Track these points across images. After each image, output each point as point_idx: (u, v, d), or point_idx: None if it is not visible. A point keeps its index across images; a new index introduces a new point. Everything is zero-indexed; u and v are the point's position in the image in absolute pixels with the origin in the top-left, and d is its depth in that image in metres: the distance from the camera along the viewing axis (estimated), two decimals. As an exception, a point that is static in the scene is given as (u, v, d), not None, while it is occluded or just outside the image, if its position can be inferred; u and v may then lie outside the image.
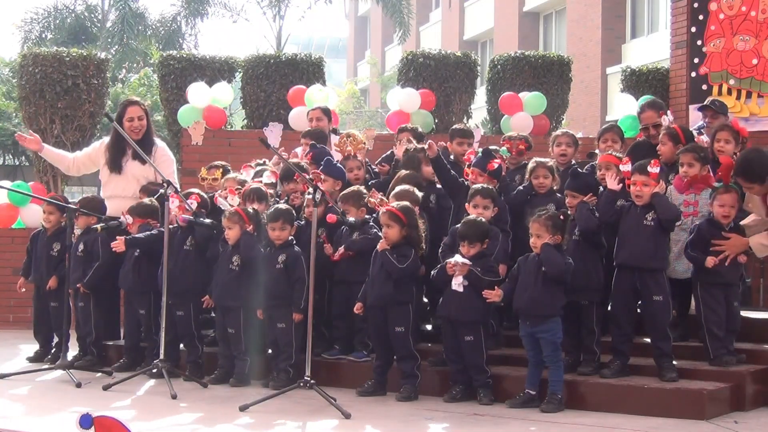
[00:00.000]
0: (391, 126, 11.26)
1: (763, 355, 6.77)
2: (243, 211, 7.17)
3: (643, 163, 6.59)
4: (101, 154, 8.81)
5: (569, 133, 7.99)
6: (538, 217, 6.32)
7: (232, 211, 7.19)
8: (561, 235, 6.30)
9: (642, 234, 6.46)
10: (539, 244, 6.28)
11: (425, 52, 12.26)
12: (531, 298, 6.25)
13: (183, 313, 7.47)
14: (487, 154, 7.17)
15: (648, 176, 6.49)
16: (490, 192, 6.83)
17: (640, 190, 6.51)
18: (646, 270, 6.47)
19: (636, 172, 6.55)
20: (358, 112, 36.47)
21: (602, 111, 25.70)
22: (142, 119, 8.56)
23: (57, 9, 29.92)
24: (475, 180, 7.06)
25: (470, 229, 6.48)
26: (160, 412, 6.22)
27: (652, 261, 6.50)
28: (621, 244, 6.55)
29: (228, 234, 7.18)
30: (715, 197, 6.69)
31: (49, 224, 8.30)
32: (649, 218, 6.48)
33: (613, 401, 6.23)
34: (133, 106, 8.65)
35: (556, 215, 6.35)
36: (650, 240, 6.47)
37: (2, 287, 10.26)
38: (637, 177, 6.53)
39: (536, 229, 6.31)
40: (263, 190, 7.53)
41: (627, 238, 6.51)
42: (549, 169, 7.17)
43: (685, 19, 11.10)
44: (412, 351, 6.67)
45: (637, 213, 6.53)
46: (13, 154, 24.67)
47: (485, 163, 7.10)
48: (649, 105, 8.20)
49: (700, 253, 6.60)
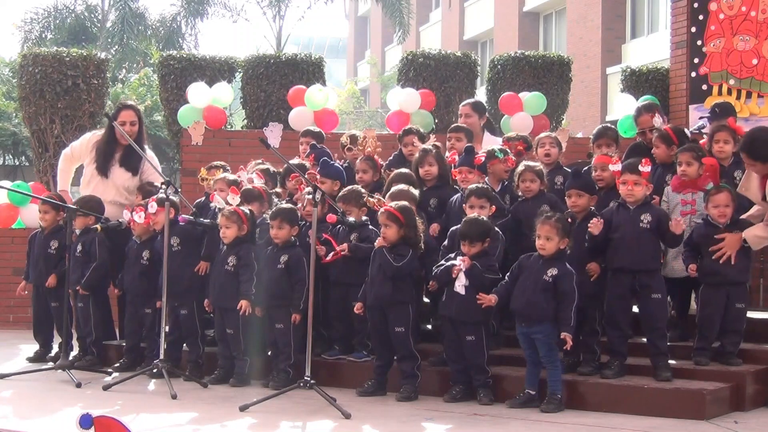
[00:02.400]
0: (391, 126, 11.26)
1: (763, 355, 6.77)
2: (241, 212, 7.17)
3: (634, 162, 6.57)
4: (87, 150, 8.73)
5: (552, 135, 8.00)
6: (548, 218, 6.24)
7: (231, 210, 7.19)
8: (567, 238, 6.27)
9: (640, 238, 6.43)
10: (549, 246, 6.20)
11: (425, 52, 12.26)
12: (529, 301, 6.23)
13: (187, 312, 7.47)
14: (469, 151, 7.19)
15: (639, 175, 6.47)
16: (485, 191, 6.81)
17: (632, 190, 6.49)
18: (645, 271, 6.47)
19: (626, 171, 6.53)
20: (358, 112, 36.46)
21: (602, 111, 25.69)
22: (135, 124, 8.53)
23: (57, 9, 29.92)
24: (465, 178, 7.06)
25: (471, 228, 6.46)
26: (160, 412, 6.22)
27: (651, 262, 6.50)
28: (618, 249, 6.46)
29: (225, 233, 7.17)
30: (708, 199, 6.69)
31: (46, 223, 8.29)
32: (645, 221, 6.44)
33: (613, 401, 6.23)
34: (126, 110, 8.61)
35: (564, 218, 6.30)
36: (648, 243, 6.45)
37: (2, 287, 10.26)
38: (628, 176, 6.50)
39: (547, 231, 6.21)
40: (257, 190, 7.52)
41: (624, 244, 6.43)
42: (536, 173, 7.14)
43: (685, 19, 11.09)
44: (412, 351, 6.67)
45: (630, 216, 6.48)
46: (13, 154, 24.68)
47: (471, 159, 7.11)
48: (645, 108, 8.20)
49: (689, 256, 6.63)
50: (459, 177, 7.10)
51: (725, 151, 7.16)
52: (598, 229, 6.39)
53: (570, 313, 6.11)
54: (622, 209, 6.54)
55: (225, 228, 7.16)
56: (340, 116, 15.70)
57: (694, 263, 6.59)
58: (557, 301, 6.16)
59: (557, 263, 6.21)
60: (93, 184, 8.61)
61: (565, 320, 6.11)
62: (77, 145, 8.94)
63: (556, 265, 6.20)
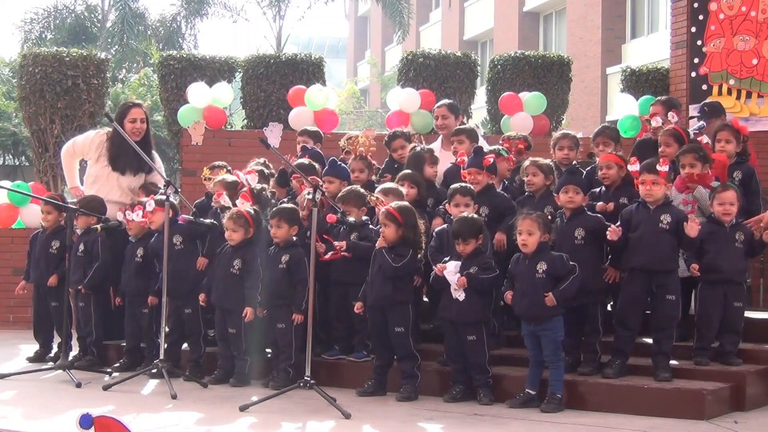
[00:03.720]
0: (391, 126, 11.23)
1: (763, 355, 6.77)
2: (248, 214, 7.15)
3: (652, 162, 6.54)
4: (92, 148, 8.62)
5: (570, 135, 7.98)
6: (528, 214, 6.31)
7: (238, 213, 7.17)
8: (549, 233, 6.32)
9: (660, 239, 6.40)
10: (530, 241, 6.25)
11: (425, 52, 12.27)
12: (530, 303, 6.24)
13: (191, 311, 7.47)
14: (479, 152, 7.19)
15: (657, 175, 6.46)
16: (469, 190, 6.83)
17: (650, 189, 6.47)
18: (662, 271, 6.44)
19: (645, 171, 6.51)
20: (358, 112, 36.45)
21: (602, 111, 25.70)
22: (144, 122, 8.53)
23: (57, 9, 29.91)
24: (474, 179, 7.06)
25: (463, 226, 6.46)
26: (160, 412, 6.22)
27: (670, 263, 6.48)
28: (637, 250, 6.43)
29: (231, 236, 7.14)
30: (714, 197, 6.69)
31: (47, 223, 8.29)
32: (664, 222, 6.40)
33: (613, 401, 6.23)
34: (136, 107, 8.59)
35: (544, 214, 6.40)
36: (668, 244, 6.42)
37: (2, 287, 10.25)
38: (646, 176, 6.48)
39: (528, 226, 6.25)
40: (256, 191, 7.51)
41: (644, 244, 6.41)
42: (539, 167, 7.14)
43: (685, 19, 11.11)
44: (411, 351, 6.67)
45: (649, 216, 6.46)
46: (13, 154, 24.65)
47: (480, 160, 7.11)
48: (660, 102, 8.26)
49: (691, 255, 6.61)
50: (468, 178, 7.09)
51: (727, 151, 7.15)
52: (616, 235, 6.39)
53: (574, 286, 6.17)
54: (642, 209, 6.53)
55: (232, 231, 7.12)
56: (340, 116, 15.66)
57: (695, 263, 6.59)
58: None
59: (543, 256, 6.25)
60: (98, 184, 8.58)
61: (568, 292, 6.18)
62: (80, 141, 8.81)
63: (542, 258, 6.24)
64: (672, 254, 6.48)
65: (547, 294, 6.17)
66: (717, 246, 6.62)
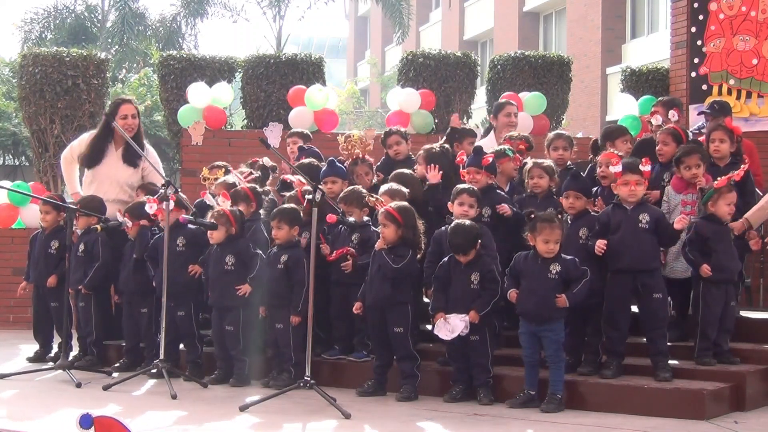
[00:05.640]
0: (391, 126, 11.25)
1: (763, 355, 6.76)
2: (229, 212, 7.16)
3: (634, 162, 6.56)
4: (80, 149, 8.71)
5: (564, 135, 7.99)
6: (552, 222, 6.25)
7: (220, 212, 7.18)
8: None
9: (640, 239, 6.42)
10: (556, 249, 6.22)
11: (425, 52, 12.27)
12: (538, 302, 6.23)
13: (184, 313, 7.46)
14: (478, 152, 7.18)
15: (641, 175, 6.47)
16: (476, 192, 6.83)
17: (634, 190, 6.47)
18: (646, 270, 6.46)
19: (628, 171, 6.50)
20: (358, 112, 36.46)
21: (602, 111, 25.70)
22: (135, 117, 8.52)
23: (57, 9, 29.92)
24: (473, 179, 7.05)
25: (460, 237, 6.42)
26: (160, 412, 6.22)
27: (653, 262, 6.50)
28: (619, 252, 6.42)
29: (212, 234, 7.15)
30: (721, 196, 6.65)
31: (46, 223, 8.29)
32: (643, 221, 6.43)
33: (613, 401, 6.22)
34: (126, 104, 8.59)
35: (561, 219, 6.39)
36: (648, 243, 6.44)
37: (2, 287, 10.27)
38: (630, 176, 6.48)
39: (558, 236, 6.23)
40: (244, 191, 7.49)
41: (625, 246, 6.41)
42: (545, 169, 7.14)
43: (685, 19, 11.10)
44: (411, 351, 6.66)
45: (628, 217, 6.47)
46: (13, 154, 24.65)
47: (479, 160, 7.11)
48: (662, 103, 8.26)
49: (698, 255, 6.59)
50: (467, 178, 7.08)
51: (721, 151, 7.14)
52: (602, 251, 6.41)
53: (585, 289, 6.20)
54: (618, 210, 6.53)
55: (212, 230, 7.14)
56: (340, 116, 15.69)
57: (705, 263, 6.54)
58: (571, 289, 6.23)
59: (556, 258, 6.25)
60: (95, 184, 8.59)
61: (580, 295, 6.20)
62: (75, 145, 8.90)
63: (556, 260, 6.25)
64: (654, 253, 6.49)
65: (560, 295, 6.17)
66: (723, 245, 6.62)
